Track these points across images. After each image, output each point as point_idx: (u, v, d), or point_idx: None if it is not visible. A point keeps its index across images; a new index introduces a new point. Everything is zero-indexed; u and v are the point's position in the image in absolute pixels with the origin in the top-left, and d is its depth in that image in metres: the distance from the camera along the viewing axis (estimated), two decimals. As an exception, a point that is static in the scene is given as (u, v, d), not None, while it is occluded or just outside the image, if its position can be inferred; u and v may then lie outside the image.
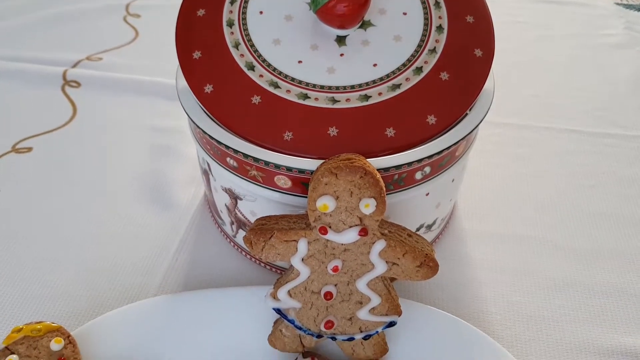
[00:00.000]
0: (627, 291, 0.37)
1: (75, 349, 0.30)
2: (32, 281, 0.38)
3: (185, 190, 0.45)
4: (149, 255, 0.40)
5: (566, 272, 0.38)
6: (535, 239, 0.41)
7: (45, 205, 0.43)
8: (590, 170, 0.46)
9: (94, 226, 0.42)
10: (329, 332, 0.31)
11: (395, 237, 0.29)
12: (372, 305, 0.30)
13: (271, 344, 0.32)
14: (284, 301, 0.30)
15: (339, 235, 0.28)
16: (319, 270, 0.29)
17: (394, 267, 0.29)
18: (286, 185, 0.32)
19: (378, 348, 0.31)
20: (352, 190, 0.27)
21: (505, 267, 0.39)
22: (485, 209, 0.43)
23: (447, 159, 0.33)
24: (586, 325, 0.35)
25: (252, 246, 0.29)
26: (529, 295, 0.37)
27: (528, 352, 0.34)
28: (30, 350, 0.30)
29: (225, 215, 0.38)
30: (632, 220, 0.42)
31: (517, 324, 0.35)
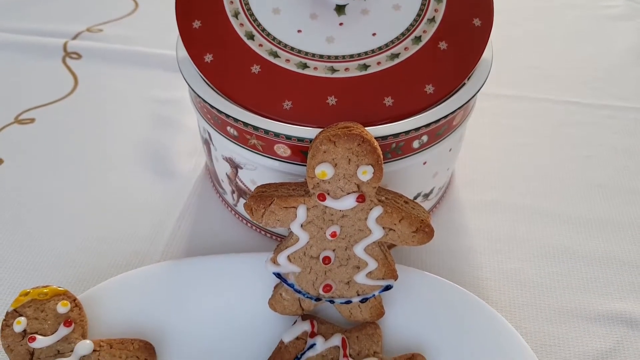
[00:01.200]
0: (620, 259, 0.38)
1: (82, 312, 0.31)
2: (37, 249, 0.39)
3: (186, 160, 0.45)
4: (151, 224, 0.40)
5: (560, 240, 0.39)
6: (531, 208, 0.41)
7: (49, 175, 0.44)
8: (587, 141, 0.47)
9: (97, 195, 0.42)
10: (327, 295, 0.31)
11: (392, 204, 0.29)
12: (369, 270, 0.30)
13: (271, 307, 0.33)
14: (284, 266, 0.31)
15: (337, 202, 0.29)
16: (318, 235, 0.30)
17: (391, 232, 0.29)
18: (285, 153, 0.32)
19: (375, 311, 0.32)
20: (350, 158, 0.28)
21: (500, 235, 0.40)
22: (482, 179, 0.44)
23: (444, 128, 0.33)
24: (579, 291, 0.36)
25: (252, 213, 0.30)
26: (523, 263, 0.38)
27: (521, 317, 0.35)
28: (38, 313, 0.31)
29: (226, 185, 0.39)
30: (627, 190, 0.43)
31: (511, 290, 0.36)
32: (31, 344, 0.30)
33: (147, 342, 0.31)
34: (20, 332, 0.30)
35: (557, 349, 0.34)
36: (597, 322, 0.35)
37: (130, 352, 0.30)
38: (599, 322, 0.35)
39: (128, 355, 0.30)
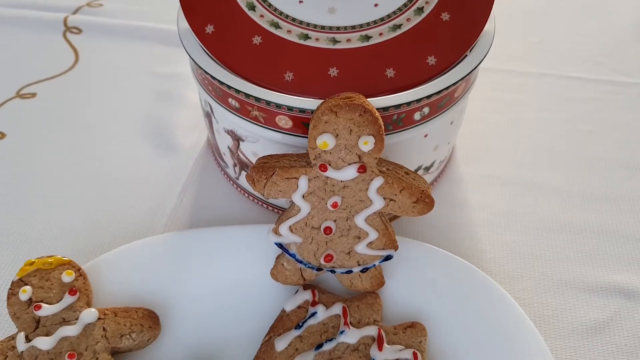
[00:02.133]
0: (619, 232, 0.39)
1: (86, 281, 0.32)
2: (40, 222, 0.39)
3: (188, 135, 0.45)
4: (154, 196, 0.41)
5: (560, 213, 0.40)
6: (531, 182, 0.41)
7: (52, 148, 0.44)
8: (589, 116, 0.47)
9: (99, 169, 0.43)
10: (329, 265, 0.32)
11: (393, 175, 0.29)
12: (370, 240, 0.31)
13: (273, 277, 0.33)
14: (286, 236, 0.31)
15: (338, 173, 0.29)
16: (319, 206, 0.30)
17: (391, 203, 0.30)
18: (287, 125, 0.32)
19: (375, 281, 0.32)
20: (352, 128, 0.28)
21: (500, 209, 0.40)
22: (483, 153, 0.44)
23: (446, 100, 0.33)
24: (577, 263, 0.37)
25: (254, 184, 0.30)
26: (523, 235, 0.38)
27: (520, 288, 0.35)
28: (43, 282, 0.31)
29: (228, 158, 0.39)
30: (627, 165, 0.43)
31: (510, 262, 0.37)
32: (37, 311, 0.30)
33: (151, 311, 0.31)
34: (26, 301, 0.30)
35: (555, 319, 0.34)
36: (595, 293, 0.35)
37: (135, 320, 0.31)
38: (597, 293, 0.35)
39: (132, 323, 0.30)
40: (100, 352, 0.29)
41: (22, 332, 0.30)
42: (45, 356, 0.29)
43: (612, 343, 0.33)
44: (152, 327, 0.31)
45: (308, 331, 0.31)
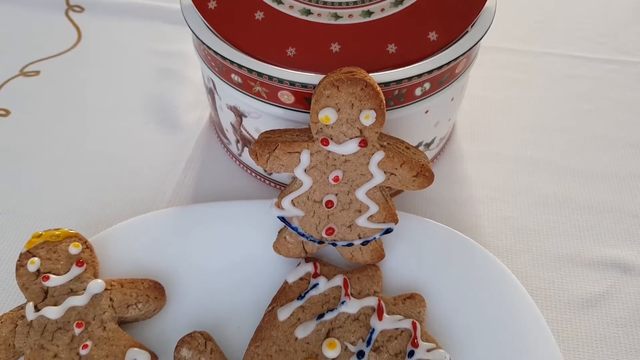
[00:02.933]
0: (616, 208, 0.39)
1: (93, 254, 0.33)
2: (46, 198, 0.40)
3: (190, 112, 0.46)
4: (158, 173, 0.41)
5: (559, 190, 0.40)
6: (531, 159, 0.42)
7: (56, 126, 0.45)
8: (589, 95, 0.47)
9: (103, 145, 0.43)
10: (330, 238, 0.32)
11: (394, 149, 0.30)
12: (371, 213, 0.31)
13: (276, 250, 0.34)
14: (288, 210, 0.32)
15: (340, 147, 0.29)
16: (321, 180, 0.31)
17: (392, 177, 0.30)
18: (289, 100, 0.33)
19: (375, 253, 0.33)
20: (353, 102, 0.28)
21: (500, 185, 0.40)
22: (484, 131, 0.44)
23: (446, 76, 0.33)
24: (574, 238, 0.37)
25: (257, 158, 0.31)
26: (522, 211, 0.39)
27: (518, 262, 0.36)
28: (51, 254, 0.32)
29: (230, 134, 0.39)
30: (627, 143, 0.43)
31: (509, 237, 0.37)
32: (45, 282, 0.31)
33: (157, 282, 0.32)
34: (34, 272, 0.31)
35: (552, 292, 0.35)
36: (591, 267, 0.36)
37: (141, 291, 0.31)
38: (593, 267, 0.36)
39: (138, 294, 0.31)
40: (108, 322, 0.30)
41: (31, 302, 0.30)
42: (54, 325, 0.30)
43: (607, 315, 0.34)
44: (157, 297, 0.32)
45: (310, 302, 0.31)
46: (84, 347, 0.29)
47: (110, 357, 0.29)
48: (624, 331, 0.33)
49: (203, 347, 0.29)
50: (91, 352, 0.29)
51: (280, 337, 0.30)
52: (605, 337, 0.33)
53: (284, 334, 0.30)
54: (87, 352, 0.29)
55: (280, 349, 0.30)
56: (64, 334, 0.30)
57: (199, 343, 0.29)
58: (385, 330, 0.30)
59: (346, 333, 0.30)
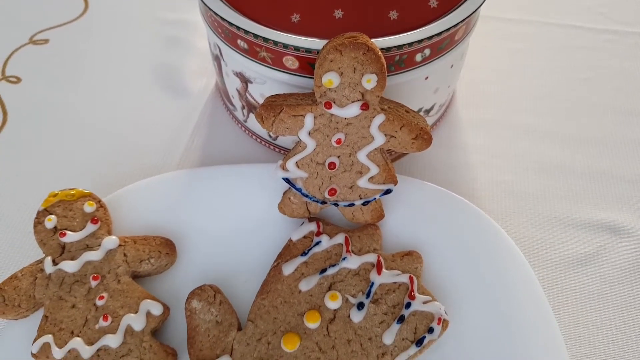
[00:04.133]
0: (609, 173, 0.40)
1: (106, 212, 0.34)
2: (59, 161, 0.41)
3: (197, 80, 0.47)
4: (166, 138, 0.43)
5: (554, 155, 0.41)
6: (528, 126, 0.43)
7: (66, 93, 0.46)
8: (586, 64, 0.48)
9: (112, 112, 0.45)
10: (332, 199, 0.34)
11: (394, 112, 0.31)
12: (371, 175, 0.33)
13: (281, 210, 0.35)
14: (292, 171, 0.33)
15: (342, 110, 0.31)
16: (324, 142, 0.32)
17: (392, 139, 0.31)
18: (294, 66, 0.34)
19: (375, 213, 0.35)
20: (355, 67, 0.29)
21: (497, 151, 0.42)
22: (483, 99, 0.45)
23: (446, 42, 0.34)
24: (567, 201, 0.39)
25: (263, 121, 0.32)
26: (517, 176, 0.40)
27: (512, 224, 0.38)
28: (67, 212, 0.34)
29: (236, 100, 0.41)
30: (621, 111, 0.44)
31: (504, 200, 0.39)
32: (62, 238, 0.32)
33: (168, 239, 0.34)
34: (51, 229, 0.33)
35: (545, 252, 0.36)
36: (583, 228, 0.37)
37: (153, 247, 0.33)
38: (585, 229, 0.37)
39: (151, 250, 0.33)
40: (122, 275, 0.32)
41: (49, 257, 0.32)
42: (71, 278, 0.32)
43: (596, 274, 0.36)
44: (169, 253, 0.33)
45: (313, 258, 0.33)
46: (100, 298, 0.31)
47: (125, 307, 0.31)
48: (611, 288, 0.35)
49: (212, 299, 0.31)
50: (107, 303, 0.31)
51: (285, 290, 0.32)
52: (594, 293, 0.35)
53: (288, 287, 0.32)
54: (103, 303, 0.31)
55: (285, 301, 0.31)
56: (81, 286, 0.31)
57: (208, 295, 0.31)
58: (384, 284, 0.32)
59: (347, 286, 0.32)
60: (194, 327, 0.30)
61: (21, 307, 0.31)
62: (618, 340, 0.33)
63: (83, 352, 0.29)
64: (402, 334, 0.30)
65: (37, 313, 0.32)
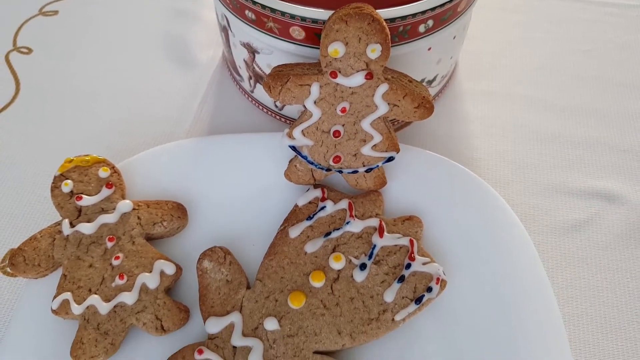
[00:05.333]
0: (605, 143, 0.42)
1: (120, 177, 0.36)
2: (72, 129, 0.43)
3: (204, 51, 0.48)
4: (175, 108, 0.44)
5: (552, 126, 0.43)
6: (527, 97, 0.44)
7: (77, 63, 0.47)
8: (588, 36, 0.49)
9: (121, 82, 0.46)
10: (337, 166, 0.35)
11: (397, 82, 0.32)
12: (374, 143, 0.34)
13: (287, 177, 0.37)
14: (298, 139, 0.34)
15: (347, 79, 0.32)
16: (329, 111, 0.33)
17: (395, 108, 0.33)
18: (300, 36, 0.35)
19: (378, 180, 0.36)
20: (360, 37, 0.30)
21: (497, 121, 0.43)
22: (484, 70, 0.46)
23: (449, 14, 0.35)
24: (564, 170, 0.40)
25: (270, 90, 0.33)
26: (516, 145, 0.41)
27: (510, 191, 0.39)
28: (82, 177, 0.35)
29: (243, 71, 0.42)
30: (620, 83, 0.45)
31: (503, 169, 0.40)
32: (78, 202, 0.34)
33: (180, 203, 0.35)
34: (68, 193, 0.34)
35: (540, 218, 0.38)
36: (578, 196, 0.39)
37: (165, 211, 0.35)
38: (580, 196, 0.39)
39: (163, 213, 0.34)
40: (136, 237, 0.33)
41: (67, 219, 0.34)
42: (88, 239, 0.33)
43: (590, 239, 0.37)
44: (180, 217, 0.35)
45: (318, 222, 0.34)
46: (116, 258, 0.33)
47: (139, 267, 0.33)
48: (604, 253, 0.36)
49: (222, 259, 0.33)
50: (122, 263, 0.33)
51: (292, 251, 0.33)
52: (586, 257, 0.36)
53: (294, 249, 0.33)
54: (119, 263, 0.32)
55: (291, 262, 0.33)
56: (98, 247, 0.33)
57: (219, 256, 0.33)
58: (385, 246, 0.33)
59: (350, 249, 0.33)
60: (206, 285, 0.32)
61: (41, 267, 0.32)
62: (608, 301, 0.35)
63: (101, 308, 0.31)
64: (402, 293, 0.32)
65: (56, 273, 0.33)
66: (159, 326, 0.31)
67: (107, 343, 0.31)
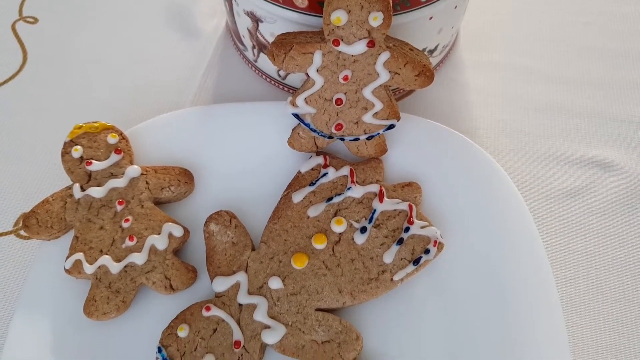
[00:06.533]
0: (604, 113, 0.42)
1: (128, 144, 0.37)
2: (79, 97, 0.44)
3: (208, 21, 0.48)
4: (179, 77, 0.45)
5: (551, 96, 0.43)
6: (527, 68, 0.45)
7: (83, 32, 0.47)
8: (588, 8, 0.49)
9: (126, 51, 0.46)
10: (339, 133, 0.36)
11: (398, 50, 0.33)
12: (375, 110, 0.35)
13: (290, 145, 0.38)
14: (301, 107, 0.35)
15: (349, 47, 0.32)
16: (332, 79, 0.34)
17: (396, 76, 0.33)
18: (303, 5, 0.35)
19: (379, 148, 0.37)
20: (363, 4, 0.31)
21: (497, 91, 0.44)
22: (485, 41, 0.47)
23: (450, -17, 0.36)
24: (562, 139, 0.41)
25: (274, 58, 0.34)
26: (515, 115, 0.42)
27: (507, 159, 0.40)
28: (91, 143, 0.36)
29: (247, 40, 0.42)
30: (619, 53, 0.46)
31: (501, 137, 0.41)
32: (88, 167, 0.35)
33: (186, 169, 0.36)
34: (78, 158, 0.35)
35: (536, 185, 0.39)
36: (574, 164, 0.40)
37: (172, 176, 0.36)
38: (576, 164, 0.40)
39: (171, 179, 0.35)
40: (145, 201, 0.35)
41: (77, 184, 0.35)
42: (99, 203, 0.34)
43: (584, 206, 0.38)
44: (187, 182, 0.36)
45: (320, 188, 0.36)
46: (125, 220, 0.34)
47: (148, 229, 0.34)
48: (598, 219, 0.38)
49: (228, 222, 0.34)
50: (132, 225, 0.34)
51: (295, 215, 0.35)
52: (580, 223, 0.37)
53: (297, 213, 0.35)
54: (128, 225, 0.34)
55: (294, 225, 0.34)
56: (108, 210, 0.34)
57: (224, 219, 0.34)
58: (385, 211, 0.34)
59: (351, 213, 0.34)
60: (212, 247, 0.33)
61: (53, 228, 0.34)
62: (600, 265, 0.36)
63: (112, 268, 0.33)
64: (400, 254, 0.33)
65: (67, 236, 0.35)
66: (168, 285, 0.33)
67: (119, 301, 0.32)
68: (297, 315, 0.31)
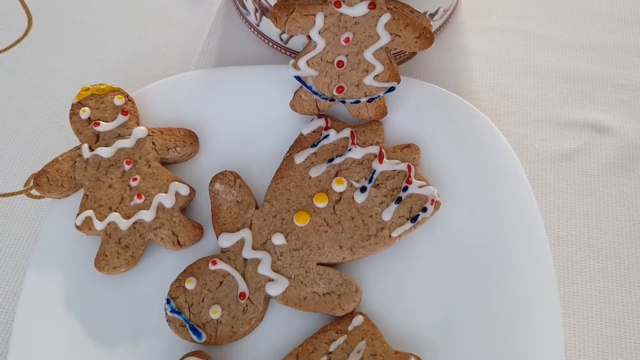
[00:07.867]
0: (601, 77, 0.43)
1: (134, 106, 0.37)
2: (85, 61, 0.44)
3: (210, -15, 0.49)
4: (183, 41, 0.45)
5: (549, 61, 0.44)
6: (527, 32, 0.45)
7: None
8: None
9: (131, 15, 0.47)
10: (340, 96, 0.37)
11: (399, 12, 0.33)
12: (376, 73, 0.35)
13: (292, 108, 0.38)
14: (303, 70, 0.36)
15: (351, 9, 0.33)
16: (333, 42, 0.35)
17: (397, 38, 0.34)
18: (305, -33, 0.36)
19: (379, 110, 0.38)
20: (364, -33, 0.31)
21: (496, 56, 0.44)
22: (485, 6, 0.47)
23: (451, -54, 0.36)
24: (557, 103, 0.42)
25: (276, 20, 0.34)
26: (512, 79, 0.43)
27: (505, 122, 0.41)
28: (98, 104, 0.37)
29: (249, 4, 0.43)
30: (617, 18, 0.46)
31: (499, 101, 0.42)
32: (96, 127, 0.36)
33: (191, 131, 0.37)
34: (86, 119, 0.36)
35: (532, 147, 0.40)
36: (570, 127, 0.41)
37: (178, 138, 0.37)
38: (572, 127, 0.41)
39: (176, 140, 0.36)
40: (152, 161, 0.36)
41: (86, 144, 0.36)
42: (107, 162, 0.35)
43: (579, 167, 0.39)
44: (192, 143, 0.37)
45: (322, 149, 0.37)
46: (133, 179, 0.35)
47: (156, 188, 0.35)
48: (591, 180, 0.39)
49: (232, 182, 0.35)
50: (140, 184, 0.35)
51: (297, 176, 0.36)
52: (575, 184, 0.39)
53: (299, 174, 0.36)
54: (136, 184, 0.35)
55: (297, 185, 0.35)
56: (116, 169, 0.35)
57: (229, 179, 0.35)
58: (385, 171, 0.35)
59: (352, 173, 0.36)
60: (218, 205, 0.35)
61: (64, 187, 0.35)
62: (593, 224, 0.37)
63: (121, 225, 0.34)
64: (399, 212, 0.34)
65: (76, 196, 0.36)
66: (176, 241, 0.34)
67: (128, 255, 0.33)
68: (299, 269, 0.33)
